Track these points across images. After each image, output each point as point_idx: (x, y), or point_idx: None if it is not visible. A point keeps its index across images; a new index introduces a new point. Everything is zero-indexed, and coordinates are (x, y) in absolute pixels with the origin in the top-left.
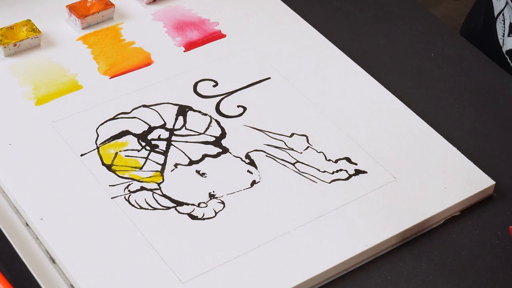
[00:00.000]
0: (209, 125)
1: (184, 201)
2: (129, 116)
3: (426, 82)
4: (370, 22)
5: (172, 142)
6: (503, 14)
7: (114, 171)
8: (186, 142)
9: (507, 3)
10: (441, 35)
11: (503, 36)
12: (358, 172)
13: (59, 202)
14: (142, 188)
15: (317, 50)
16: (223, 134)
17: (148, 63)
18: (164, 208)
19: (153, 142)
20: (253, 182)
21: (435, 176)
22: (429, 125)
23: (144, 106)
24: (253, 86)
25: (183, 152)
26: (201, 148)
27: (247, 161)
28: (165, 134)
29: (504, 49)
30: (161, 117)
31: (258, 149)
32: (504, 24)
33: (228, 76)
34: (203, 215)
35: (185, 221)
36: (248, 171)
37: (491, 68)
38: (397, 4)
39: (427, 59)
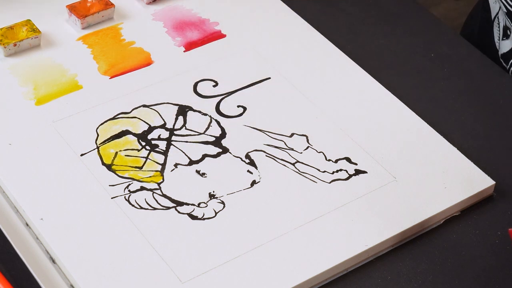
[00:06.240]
0: (209, 125)
1: (184, 201)
2: (129, 116)
3: (426, 82)
4: (370, 22)
5: (172, 142)
6: (498, 18)
7: (114, 171)
8: (186, 142)
9: (500, 7)
10: (441, 35)
11: (499, 40)
12: (358, 172)
13: (59, 202)
14: (142, 188)
15: (317, 50)
16: (223, 134)
17: (148, 63)
18: (164, 208)
19: (153, 142)
20: (253, 182)
21: (435, 176)
22: (429, 125)
23: (144, 106)
24: (253, 86)
25: (183, 152)
26: (201, 148)
27: (247, 161)
28: (165, 134)
29: (500, 53)
30: (161, 117)
31: (258, 149)
32: (499, 27)
33: (228, 76)
34: (203, 215)
35: (185, 221)
36: (248, 171)
37: (491, 68)
38: (397, 5)
39: (427, 59)
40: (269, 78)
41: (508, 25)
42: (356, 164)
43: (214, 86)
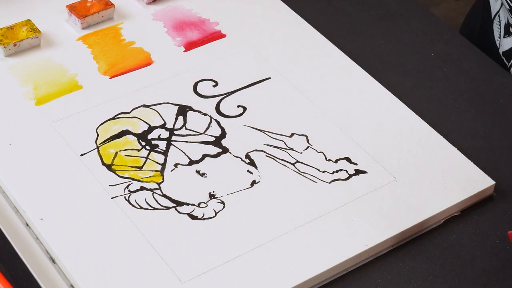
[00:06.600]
0: (209, 125)
1: (184, 201)
2: (129, 116)
3: (426, 82)
4: (370, 22)
5: (172, 142)
6: (498, 15)
7: (114, 171)
8: (186, 142)
9: (502, 4)
10: (441, 35)
11: (499, 38)
12: (358, 172)
13: (59, 202)
14: (142, 188)
15: (317, 50)
16: (223, 134)
17: (148, 63)
18: (164, 208)
19: (153, 142)
20: (253, 182)
21: (435, 176)
22: (429, 125)
23: (144, 106)
24: (253, 86)
25: (183, 152)
26: (201, 148)
27: (247, 161)
28: (165, 134)
29: (501, 51)
30: (161, 117)
31: (258, 149)
32: (500, 25)
33: (228, 76)
34: (203, 215)
35: (185, 221)
36: (248, 171)
37: (491, 68)
38: (397, 4)
39: (427, 59)
40: (269, 78)
41: (511, 22)
42: (356, 164)
43: (214, 86)
